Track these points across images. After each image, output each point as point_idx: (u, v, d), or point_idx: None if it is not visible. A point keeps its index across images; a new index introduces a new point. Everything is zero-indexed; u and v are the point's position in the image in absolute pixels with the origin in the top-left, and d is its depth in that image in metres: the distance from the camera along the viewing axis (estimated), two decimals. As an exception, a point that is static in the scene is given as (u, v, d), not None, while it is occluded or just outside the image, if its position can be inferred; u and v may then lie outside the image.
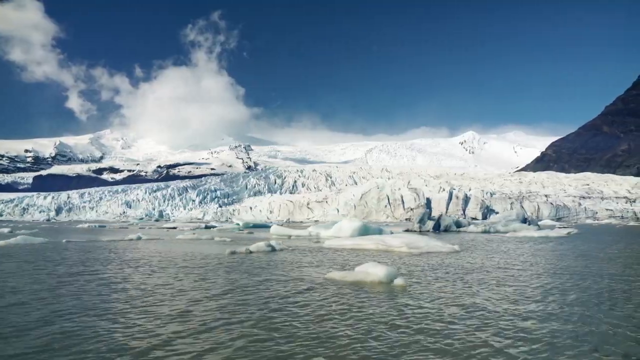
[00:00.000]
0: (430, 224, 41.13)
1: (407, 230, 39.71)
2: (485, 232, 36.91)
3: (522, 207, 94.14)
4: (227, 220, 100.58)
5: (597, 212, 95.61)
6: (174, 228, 49.83)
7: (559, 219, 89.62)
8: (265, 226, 56.52)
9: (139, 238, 28.39)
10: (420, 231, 39.73)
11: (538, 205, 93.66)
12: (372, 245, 18.52)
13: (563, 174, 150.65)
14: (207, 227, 50.45)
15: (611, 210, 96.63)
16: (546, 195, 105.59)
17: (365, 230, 27.11)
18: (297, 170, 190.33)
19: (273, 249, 19.74)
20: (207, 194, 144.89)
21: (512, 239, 26.25)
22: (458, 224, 41.68)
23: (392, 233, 27.32)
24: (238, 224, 45.30)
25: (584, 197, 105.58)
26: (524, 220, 42.21)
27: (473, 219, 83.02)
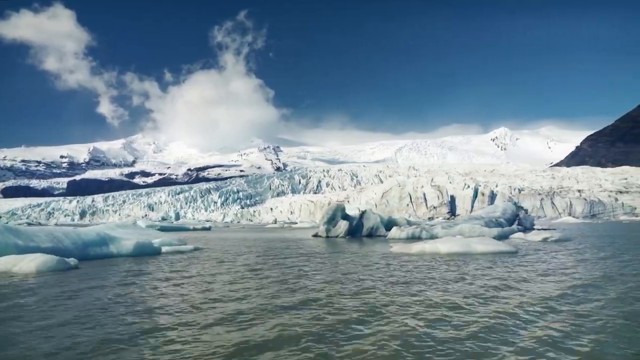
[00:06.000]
0: (343, 226, 29.58)
1: (315, 235, 30.91)
2: (411, 237, 26.09)
3: (553, 203, 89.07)
4: (239, 222, 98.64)
5: (635, 208, 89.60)
6: None
7: (593, 216, 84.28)
8: (184, 229, 53.11)
9: None
10: (327, 236, 29.66)
11: (570, 202, 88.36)
12: None
13: (599, 168, 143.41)
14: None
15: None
16: (579, 191, 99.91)
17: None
18: (323, 170, 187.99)
19: None
20: (229, 195, 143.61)
21: (369, 261, 14.48)
22: (390, 224, 30.72)
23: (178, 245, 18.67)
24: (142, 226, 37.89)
25: (621, 192, 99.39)
26: (514, 218, 32.97)
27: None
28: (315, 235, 30.92)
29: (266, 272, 12.25)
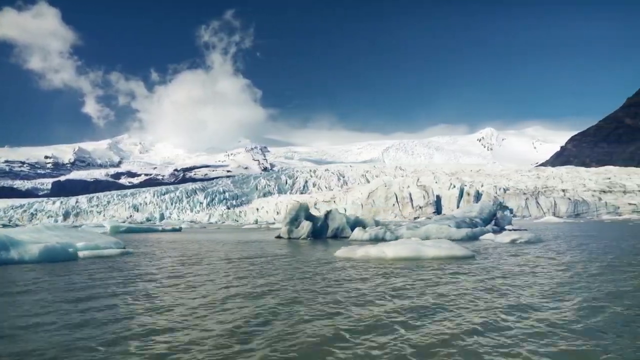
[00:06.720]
0: (306, 227, 28.28)
1: (278, 237, 29.40)
2: (374, 239, 24.64)
3: (538, 203, 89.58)
4: (223, 223, 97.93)
5: (619, 207, 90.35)
6: None
7: (577, 215, 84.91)
8: (152, 230, 52.26)
9: None
10: (289, 238, 28.40)
11: (555, 201, 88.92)
12: None
13: (583, 168, 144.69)
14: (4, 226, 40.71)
15: (634, 204, 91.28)
16: (564, 190, 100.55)
17: None
18: (310, 170, 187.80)
19: None
20: (215, 196, 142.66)
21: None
22: (356, 225, 29.08)
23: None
24: (103, 226, 35.20)
25: (604, 192, 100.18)
26: (491, 217, 31.63)
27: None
28: (278, 237, 29.34)
29: (161, 280, 10.77)
